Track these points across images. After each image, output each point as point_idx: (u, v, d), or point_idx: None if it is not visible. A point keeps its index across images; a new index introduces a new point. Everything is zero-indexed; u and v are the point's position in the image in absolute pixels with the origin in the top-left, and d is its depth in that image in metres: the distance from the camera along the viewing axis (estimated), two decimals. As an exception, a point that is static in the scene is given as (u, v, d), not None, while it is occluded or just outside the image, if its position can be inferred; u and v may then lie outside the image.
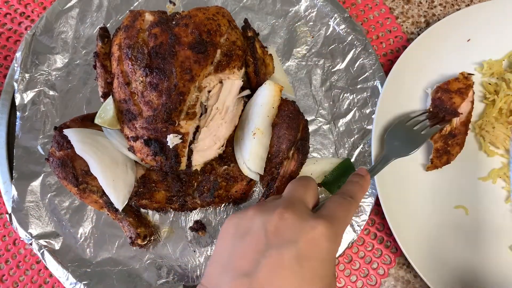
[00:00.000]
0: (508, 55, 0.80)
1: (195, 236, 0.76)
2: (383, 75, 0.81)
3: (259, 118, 0.70)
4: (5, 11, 0.89)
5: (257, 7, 0.85)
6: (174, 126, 0.65)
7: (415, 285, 0.76)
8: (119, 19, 0.86)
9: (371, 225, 0.78)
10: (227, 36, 0.67)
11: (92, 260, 0.75)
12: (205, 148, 0.71)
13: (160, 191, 0.71)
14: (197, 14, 0.66)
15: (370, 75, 0.82)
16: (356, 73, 0.82)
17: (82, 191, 0.69)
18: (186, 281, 0.74)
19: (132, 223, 0.71)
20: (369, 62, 0.82)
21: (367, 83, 0.82)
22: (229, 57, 0.67)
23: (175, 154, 0.66)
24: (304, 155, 0.72)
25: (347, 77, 0.83)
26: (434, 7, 0.88)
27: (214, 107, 0.70)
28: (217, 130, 0.71)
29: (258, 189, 0.78)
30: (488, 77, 0.80)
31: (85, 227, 0.76)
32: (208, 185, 0.72)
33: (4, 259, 0.78)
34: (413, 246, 0.70)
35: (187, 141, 0.67)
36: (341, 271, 0.77)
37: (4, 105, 0.81)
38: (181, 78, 0.63)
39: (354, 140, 0.79)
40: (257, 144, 0.69)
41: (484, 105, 0.80)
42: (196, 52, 0.64)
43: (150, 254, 0.75)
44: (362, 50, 0.83)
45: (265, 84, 0.72)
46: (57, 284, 0.77)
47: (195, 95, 0.66)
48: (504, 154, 0.77)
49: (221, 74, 0.68)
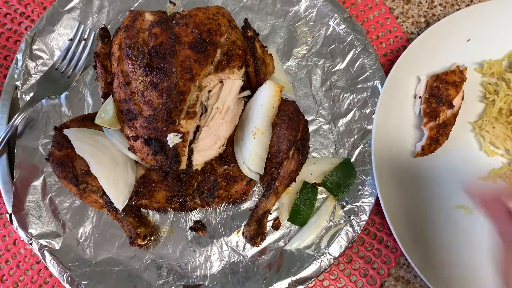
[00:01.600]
0: (508, 55, 0.80)
1: (195, 236, 0.76)
2: (383, 75, 0.81)
3: (259, 118, 0.70)
4: (5, 11, 0.89)
5: (257, 7, 0.85)
6: (174, 125, 0.65)
7: (415, 285, 0.76)
8: (120, 19, 0.86)
9: (371, 225, 0.78)
10: (227, 35, 0.67)
11: (92, 260, 0.75)
12: (206, 148, 0.71)
13: (160, 191, 0.71)
14: (197, 14, 0.66)
15: (370, 75, 0.82)
16: (356, 73, 0.82)
17: (82, 191, 0.69)
18: (186, 281, 0.74)
19: (132, 223, 0.71)
20: (369, 62, 0.82)
21: (367, 83, 0.82)
22: (229, 56, 0.67)
23: (175, 153, 0.66)
24: (304, 155, 0.72)
25: (347, 77, 0.83)
26: (434, 7, 0.88)
27: (215, 107, 0.70)
28: (217, 130, 0.71)
29: (258, 189, 0.78)
30: (488, 77, 0.80)
31: (86, 227, 0.76)
32: (208, 185, 0.72)
33: (4, 259, 0.78)
34: (413, 246, 0.70)
35: (187, 140, 0.67)
36: (341, 271, 0.77)
37: (4, 105, 0.81)
38: (182, 77, 0.63)
39: (354, 140, 0.79)
40: (257, 144, 0.69)
41: (484, 105, 0.79)
42: (197, 52, 0.64)
43: (150, 254, 0.75)
44: (362, 50, 0.83)
45: (265, 84, 0.72)
46: (57, 284, 0.77)
47: (196, 94, 0.66)
48: (504, 154, 0.77)
49: (221, 74, 0.68)
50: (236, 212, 0.77)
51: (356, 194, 0.76)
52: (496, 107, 0.76)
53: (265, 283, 0.73)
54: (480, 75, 0.80)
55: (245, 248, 0.75)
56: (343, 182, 0.76)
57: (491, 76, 0.80)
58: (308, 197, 0.75)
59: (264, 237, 0.72)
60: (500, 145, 0.77)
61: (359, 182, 0.77)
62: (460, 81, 0.75)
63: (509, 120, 0.75)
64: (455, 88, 0.74)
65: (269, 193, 0.70)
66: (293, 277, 0.73)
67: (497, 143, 0.77)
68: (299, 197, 0.75)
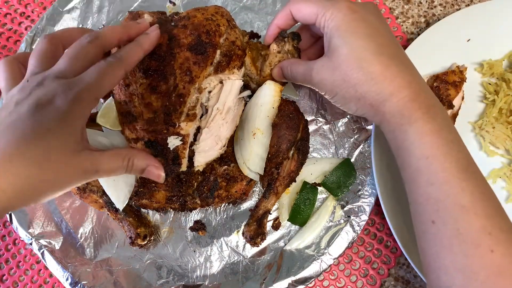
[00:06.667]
0: (508, 55, 0.80)
1: (195, 236, 0.76)
2: (383, 75, 0.80)
3: (259, 118, 0.70)
4: (5, 11, 0.89)
5: (257, 7, 0.85)
6: (174, 128, 0.65)
7: (415, 285, 0.76)
8: (120, 19, 0.86)
9: (371, 225, 0.78)
10: (227, 36, 0.67)
11: (92, 260, 0.75)
12: (207, 149, 0.71)
13: (160, 191, 0.71)
14: (196, 15, 0.66)
15: (370, 75, 0.81)
16: (356, 73, 0.82)
17: (82, 191, 0.69)
18: (186, 281, 0.74)
19: (132, 223, 0.71)
20: (369, 62, 0.82)
21: (367, 83, 0.81)
22: (228, 57, 0.67)
23: (175, 155, 0.66)
24: (304, 155, 0.72)
25: (347, 77, 0.82)
26: (434, 7, 0.88)
27: (215, 108, 0.70)
28: (218, 131, 0.71)
29: (258, 189, 0.78)
30: (488, 77, 0.80)
31: (86, 227, 0.76)
32: (208, 185, 0.72)
33: (4, 259, 0.79)
34: (413, 246, 0.70)
35: (187, 142, 0.67)
36: (341, 271, 0.77)
37: (5, 105, 0.81)
38: (181, 79, 0.63)
39: (354, 140, 0.79)
40: (257, 144, 0.69)
41: (484, 105, 0.79)
42: (196, 54, 0.63)
43: (150, 254, 0.75)
44: (362, 50, 0.82)
45: (265, 84, 0.72)
46: (57, 284, 0.77)
47: (195, 96, 0.66)
48: (504, 154, 0.77)
49: (221, 75, 0.68)
50: (236, 212, 0.77)
51: (356, 194, 0.76)
52: (496, 107, 0.76)
53: (265, 283, 0.73)
54: (480, 75, 0.80)
55: (245, 248, 0.75)
56: (343, 182, 0.76)
57: (491, 76, 0.80)
58: (308, 197, 0.75)
59: (264, 237, 0.72)
60: (500, 145, 0.77)
61: (359, 182, 0.77)
62: (460, 81, 0.75)
63: (509, 120, 0.75)
64: (455, 88, 0.74)
65: (269, 193, 0.70)
66: (293, 277, 0.73)
67: (497, 143, 0.77)
68: (299, 197, 0.75)
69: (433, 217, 0.53)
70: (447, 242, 0.51)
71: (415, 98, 0.55)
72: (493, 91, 0.78)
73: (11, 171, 0.43)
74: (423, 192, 0.54)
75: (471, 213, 0.51)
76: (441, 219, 0.52)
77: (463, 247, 0.50)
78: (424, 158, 0.53)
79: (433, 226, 0.53)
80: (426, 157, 0.53)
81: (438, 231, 0.52)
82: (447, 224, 0.52)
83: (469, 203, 0.51)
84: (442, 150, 0.53)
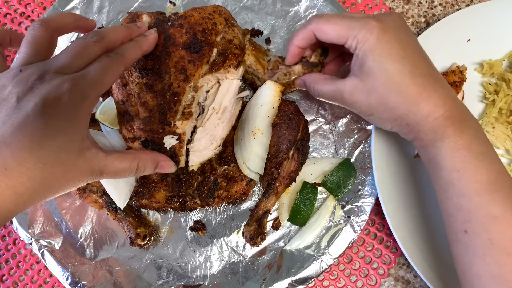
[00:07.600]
0: (508, 55, 0.80)
1: (195, 236, 0.76)
2: (383, 75, 0.80)
3: (259, 118, 0.70)
4: (5, 11, 0.89)
5: (257, 7, 0.85)
6: (170, 127, 0.65)
7: (415, 285, 0.76)
8: (120, 19, 0.86)
9: (371, 225, 0.78)
10: (223, 34, 0.67)
11: (92, 260, 0.75)
12: (201, 148, 0.71)
13: (160, 191, 0.71)
14: (193, 14, 0.66)
15: (370, 75, 0.81)
16: (356, 73, 0.82)
17: (82, 191, 0.69)
18: (186, 281, 0.74)
19: (132, 223, 0.71)
20: (369, 62, 0.82)
21: (367, 83, 0.81)
22: (224, 56, 0.66)
23: (173, 154, 0.66)
24: (304, 155, 0.72)
25: (347, 77, 0.82)
26: (434, 7, 0.88)
27: (211, 107, 0.70)
28: (213, 130, 0.71)
29: (258, 189, 0.78)
30: (488, 77, 0.80)
31: (85, 227, 0.76)
32: (208, 185, 0.72)
33: (4, 259, 0.79)
34: (413, 246, 0.70)
35: (184, 141, 0.67)
36: (341, 271, 0.77)
37: (5, 105, 0.81)
38: (176, 78, 0.63)
39: (354, 140, 0.79)
40: (257, 144, 0.69)
41: (484, 105, 0.80)
42: (191, 52, 0.63)
43: (150, 254, 0.75)
44: (362, 50, 0.82)
45: (265, 84, 0.72)
46: (57, 284, 0.77)
47: (191, 95, 0.66)
48: (504, 154, 0.77)
49: (217, 74, 0.68)
50: (236, 212, 0.77)
51: (356, 194, 0.76)
52: (496, 107, 0.76)
53: (265, 283, 0.73)
54: (480, 75, 0.80)
55: (245, 248, 0.75)
56: (343, 182, 0.76)
57: (491, 76, 0.80)
58: (308, 197, 0.75)
59: (264, 237, 0.72)
60: (500, 145, 0.77)
61: (359, 182, 0.77)
62: (460, 81, 0.75)
63: (509, 120, 0.75)
64: (455, 88, 0.74)
65: (269, 193, 0.70)
66: (293, 277, 0.73)
67: (497, 143, 0.77)
68: (299, 197, 0.75)
69: (465, 227, 0.54)
70: (480, 252, 0.52)
71: (448, 116, 0.56)
72: (493, 91, 0.78)
73: (27, 175, 0.43)
74: (454, 203, 0.55)
75: (503, 223, 0.52)
76: (473, 230, 0.53)
77: (495, 256, 0.51)
78: (455, 171, 0.55)
79: (465, 235, 0.54)
80: (457, 170, 0.55)
81: (471, 241, 0.53)
82: (479, 234, 0.53)
83: (500, 213, 0.52)
84: (474, 163, 0.54)
